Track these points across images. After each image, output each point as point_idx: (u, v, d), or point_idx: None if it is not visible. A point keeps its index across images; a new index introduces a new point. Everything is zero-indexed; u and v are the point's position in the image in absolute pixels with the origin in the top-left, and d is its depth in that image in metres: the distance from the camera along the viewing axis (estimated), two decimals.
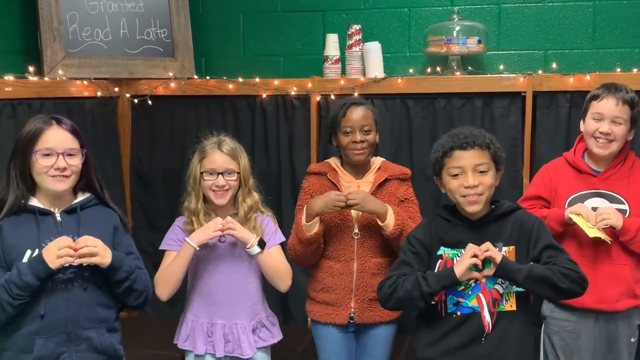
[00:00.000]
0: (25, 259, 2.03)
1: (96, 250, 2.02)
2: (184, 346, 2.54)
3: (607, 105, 2.49)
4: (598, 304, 2.50)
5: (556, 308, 2.60)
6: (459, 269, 2.03)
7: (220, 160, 2.47)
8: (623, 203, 2.52)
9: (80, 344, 2.08)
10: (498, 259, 2.01)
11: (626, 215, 2.48)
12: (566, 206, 2.55)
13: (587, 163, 2.59)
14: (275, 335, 2.59)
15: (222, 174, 2.45)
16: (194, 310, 2.53)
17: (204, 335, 2.50)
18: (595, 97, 2.54)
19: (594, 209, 2.50)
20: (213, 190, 2.46)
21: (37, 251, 2.04)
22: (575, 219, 2.44)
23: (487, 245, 2.03)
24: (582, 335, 2.58)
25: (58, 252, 1.98)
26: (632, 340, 2.60)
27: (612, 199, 2.52)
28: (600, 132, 2.49)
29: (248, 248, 2.42)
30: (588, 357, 2.59)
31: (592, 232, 2.40)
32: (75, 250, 2.00)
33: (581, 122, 2.61)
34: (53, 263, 1.97)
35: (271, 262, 2.48)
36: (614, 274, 2.50)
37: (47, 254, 1.98)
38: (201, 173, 2.47)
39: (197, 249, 2.40)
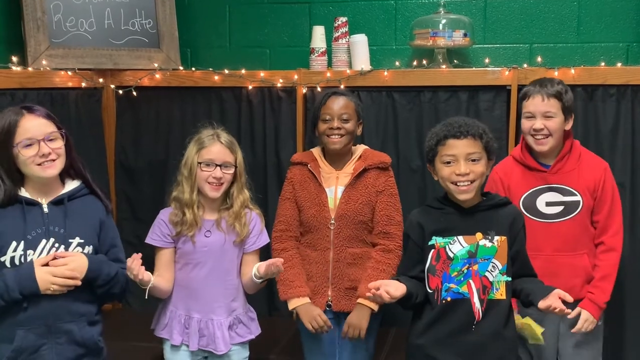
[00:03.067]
0: (10, 251, 2.02)
1: (70, 275, 2.05)
2: (161, 334, 2.54)
3: (534, 103, 2.55)
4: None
5: None
6: None
7: (220, 152, 2.46)
8: (575, 195, 2.57)
9: (61, 336, 2.09)
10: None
11: (579, 207, 2.56)
12: (521, 204, 2.59)
13: (535, 158, 2.62)
14: (252, 331, 2.59)
15: (220, 166, 2.45)
16: (173, 300, 2.53)
17: (181, 327, 2.50)
18: (524, 97, 2.61)
19: (548, 203, 2.57)
20: (209, 183, 2.45)
21: (22, 244, 2.03)
22: (527, 324, 2.50)
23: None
24: (547, 324, 2.60)
25: (53, 279, 2.01)
26: (599, 323, 2.63)
27: (564, 192, 2.57)
28: (534, 130, 2.54)
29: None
30: (553, 344, 2.63)
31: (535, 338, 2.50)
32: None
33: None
34: (44, 287, 2.01)
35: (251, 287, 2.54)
36: (575, 264, 2.57)
37: (42, 278, 2.00)
38: (199, 164, 2.46)
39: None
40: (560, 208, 2.57)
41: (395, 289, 2.09)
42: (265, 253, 2.65)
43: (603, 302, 2.56)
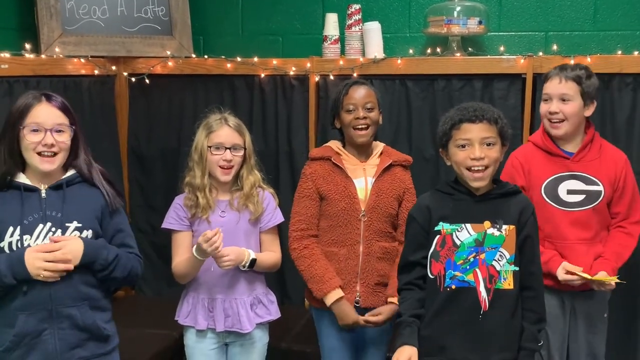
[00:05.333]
0: (7, 237, 2.03)
1: (63, 259, 2.03)
2: (185, 322, 2.55)
3: (551, 85, 2.55)
4: (583, 285, 2.53)
5: None
6: None
7: (228, 135, 2.50)
8: (598, 184, 2.56)
9: (63, 321, 2.07)
10: None
11: (601, 197, 2.55)
12: (542, 191, 2.58)
13: (556, 145, 2.61)
14: (272, 313, 2.60)
15: (229, 149, 2.48)
16: (195, 286, 2.54)
17: (205, 311, 2.51)
18: (544, 80, 2.60)
19: (570, 191, 2.56)
20: (220, 167, 2.48)
21: (18, 229, 2.04)
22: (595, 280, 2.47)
23: None
24: (559, 317, 2.62)
25: (44, 265, 1.99)
26: (605, 315, 2.68)
27: (587, 181, 2.56)
28: (550, 112, 2.54)
29: (242, 266, 2.47)
30: (564, 338, 2.65)
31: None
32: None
33: None
34: (34, 273, 1.99)
35: (262, 265, 2.54)
36: (592, 252, 2.57)
37: (30, 262, 1.98)
38: (208, 147, 2.48)
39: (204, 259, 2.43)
40: (581, 197, 2.56)
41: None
42: (285, 254, 2.66)
43: (616, 267, 2.54)
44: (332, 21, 3.45)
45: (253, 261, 2.48)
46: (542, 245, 2.56)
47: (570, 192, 2.56)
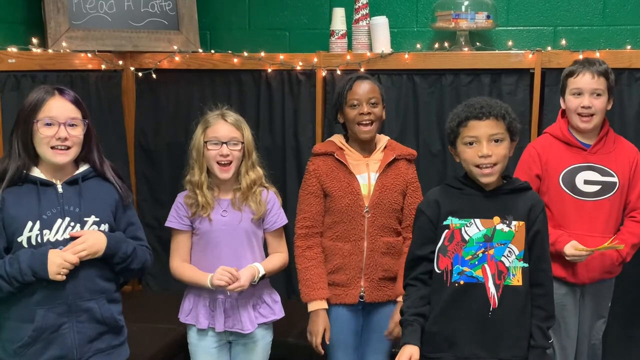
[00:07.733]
0: (26, 231, 2.04)
1: (85, 253, 2.05)
2: (187, 320, 2.55)
3: (584, 80, 2.58)
4: (590, 280, 2.64)
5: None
6: None
7: (225, 130, 2.46)
8: (613, 176, 2.62)
9: (81, 315, 2.10)
10: None
11: (615, 188, 2.61)
12: (560, 180, 2.62)
13: (574, 136, 2.66)
14: (276, 312, 2.59)
15: (226, 143, 2.44)
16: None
17: (206, 310, 2.50)
18: (571, 74, 2.63)
19: (587, 181, 2.61)
20: (218, 163, 2.44)
21: (38, 223, 2.04)
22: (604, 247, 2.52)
23: None
24: (568, 306, 2.67)
25: (64, 264, 2.01)
26: (609, 305, 2.80)
27: (602, 172, 2.63)
28: (582, 107, 2.57)
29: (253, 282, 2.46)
30: (574, 326, 2.71)
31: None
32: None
33: (561, 100, 2.69)
34: (53, 274, 2.01)
35: (271, 273, 2.55)
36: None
37: (53, 261, 2.00)
38: (205, 143, 2.46)
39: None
40: (597, 187, 2.61)
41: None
42: (290, 250, 2.65)
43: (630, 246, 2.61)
44: (339, 16, 3.44)
45: (262, 277, 2.48)
46: None
47: (587, 182, 2.62)
